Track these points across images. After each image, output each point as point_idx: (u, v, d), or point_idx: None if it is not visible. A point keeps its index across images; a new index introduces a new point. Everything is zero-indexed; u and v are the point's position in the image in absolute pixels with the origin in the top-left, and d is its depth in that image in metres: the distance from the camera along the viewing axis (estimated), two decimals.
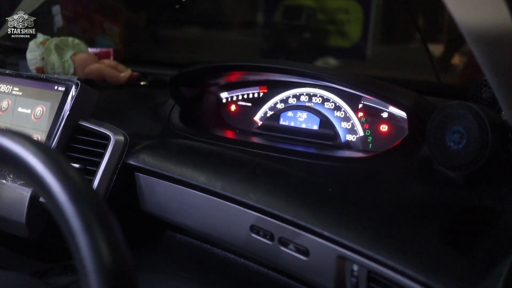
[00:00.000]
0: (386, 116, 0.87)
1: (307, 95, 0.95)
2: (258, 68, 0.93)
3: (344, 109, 0.91)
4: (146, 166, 0.81)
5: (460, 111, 0.66)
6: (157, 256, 0.86)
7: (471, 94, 0.84)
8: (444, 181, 0.68)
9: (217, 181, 0.74)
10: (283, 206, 0.67)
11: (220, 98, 1.06)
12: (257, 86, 1.01)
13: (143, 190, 0.84)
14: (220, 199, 0.73)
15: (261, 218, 0.69)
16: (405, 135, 0.79)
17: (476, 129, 0.64)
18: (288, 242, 0.67)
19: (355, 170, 0.75)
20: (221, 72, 0.98)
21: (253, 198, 0.69)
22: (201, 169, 0.77)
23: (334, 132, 0.89)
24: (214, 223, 0.76)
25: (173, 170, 0.79)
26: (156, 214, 0.84)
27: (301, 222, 0.64)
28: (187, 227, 0.82)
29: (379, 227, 0.61)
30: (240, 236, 0.72)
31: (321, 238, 0.63)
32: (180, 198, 0.79)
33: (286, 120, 0.95)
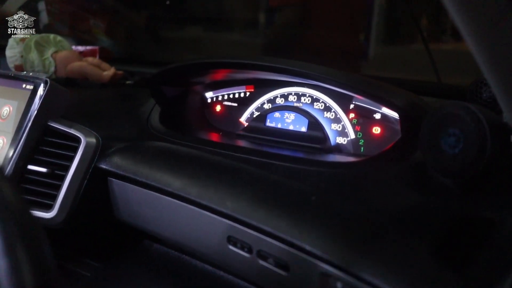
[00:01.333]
0: (379, 117, 0.81)
1: (295, 95, 0.89)
2: (244, 65, 0.86)
3: (334, 110, 0.85)
4: (119, 170, 0.75)
5: (457, 112, 0.60)
6: (132, 267, 0.80)
7: (470, 94, 0.78)
8: (439, 189, 0.62)
9: (193, 187, 0.68)
10: (262, 216, 0.61)
11: (205, 98, 1.00)
12: (244, 85, 0.95)
13: (116, 197, 0.78)
14: (196, 207, 0.67)
15: (239, 229, 0.63)
16: (398, 138, 0.73)
17: (474, 132, 0.58)
18: (267, 256, 0.61)
19: (342, 176, 0.69)
20: (205, 69, 0.92)
21: (230, 207, 0.63)
22: (177, 174, 0.71)
23: (323, 135, 0.83)
24: (190, 233, 0.70)
25: (147, 175, 0.73)
26: (130, 223, 0.78)
27: (280, 234, 0.58)
28: (162, 237, 0.76)
29: (368, 241, 0.55)
30: (216, 248, 0.67)
31: (302, 253, 0.57)
32: (154, 205, 0.73)
33: (273, 122, 0.89)
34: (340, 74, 0.76)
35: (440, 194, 0.61)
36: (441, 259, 0.51)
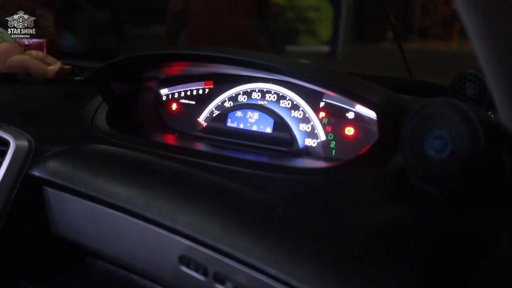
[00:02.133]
0: (352, 117, 0.73)
1: (259, 92, 0.80)
2: (202, 57, 0.77)
3: (302, 109, 0.76)
4: (55, 178, 0.65)
5: (444, 111, 0.51)
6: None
7: (453, 90, 0.71)
8: (423, 199, 0.54)
9: (139, 198, 0.58)
10: (219, 233, 0.52)
11: (159, 95, 0.90)
12: (202, 81, 0.86)
13: (52, 209, 0.67)
14: (143, 222, 0.58)
15: (192, 248, 0.54)
16: (374, 140, 0.64)
17: (464, 133, 0.50)
18: (225, 279, 0.52)
19: (313, 185, 0.60)
20: (159, 63, 0.82)
21: (182, 222, 0.54)
22: (122, 183, 0.61)
23: (290, 136, 0.75)
24: (136, 251, 0.60)
25: (87, 183, 0.63)
26: (70, 238, 0.67)
27: (239, 255, 0.49)
28: (105, 255, 0.66)
29: (343, 263, 0.46)
30: (167, 269, 0.57)
31: (266, 276, 0.48)
32: (96, 219, 0.63)
33: (234, 122, 0.80)
34: (311, 68, 0.67)
35: (424, 206, 0.53)
36: (432, 285, 0.43)
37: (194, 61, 0.79)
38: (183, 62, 0.82)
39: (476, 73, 0.68)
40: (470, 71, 0.69)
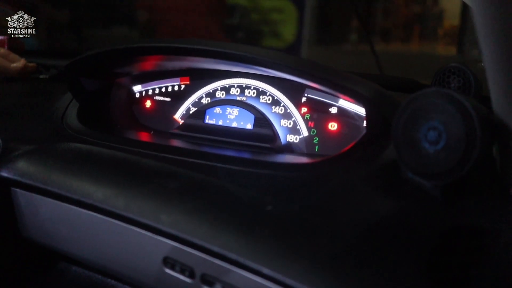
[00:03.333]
0: (335, 112, 0.71)
1: (238, 87, 0.78)
2: (177, 50, 0.73)
3: (284, 104, 0.74)
4: (25, 179, 0.61)
5: (437, 101, 0.50)
6: None
7: (436, 84, 0.70)
8: (416, 193, 0.52)
9: (118, 198, 0.55)
10: (206, 232, 0.49)
11: (132, 92, 0.86)
12: (178, 77, 0.83)
13: (22, 211, 0.63)
14: (123, 223, 0.54)
15: (177, 249, 0.51)
16: (362, 135, 0.63)
17: (460, 124, 0.48)
18: (214, 281, 0.49)
19: (301, 180, 0.58)
20: (131, 58, 0.78)
21: (166, 221, 0.51)
22: (98, 182, 0.58)
23: (272, 132, 0.72)
24: (116, 255, 0.57)
25: (60, 183, 0.59)
26: (42, 242, 0.63)
27: (230, 255, 0.47)
28: (82, 259, 0.62)
29: (340, 261, 0.44)
30: (150, 272, 0.54)
31: (259, 277, 0.45)
32: (70, 221, 0.59)
33: (213, 118, 0.77)
34: (295, 60, 0.65)
35: (418, 200, 0.52)
36: (433, 282, 0.41)
37: (170, 55, 0.75)
38: (158, 56, 0.78)
39: (460, 66, 0.68)
40: (453, 64, 0.68)
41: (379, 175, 0.57)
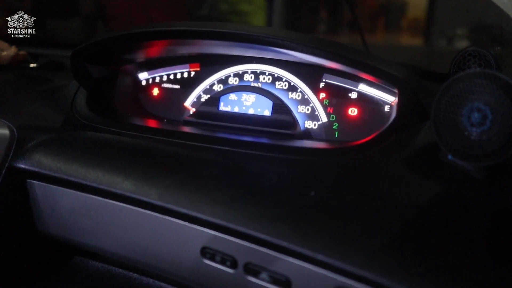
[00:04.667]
0: (355, 97, 0.70)
1: (252, 73, 0.76)
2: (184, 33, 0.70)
3: (301, 90, 0.73)
4: (43, 170, 0.58)
5: (482, 82, 0.50)
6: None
7: (455, 67, 0.69)
8: (457, 176, 0.52)
9: (151, 187, 0.52)
10: (251, 219, 0.47)
11: (138, 80, 0.83)
12: (187, 64, 0.80)
13: (39, 204, 0.60)
14: (156, 213, 0.52)
15: (217, 238, 0.49)
16: (393, 118, 0.62)
17: (507, 105, 0.48)
18: (259, 270, 0.48)
19: (337, 166, 0.57)
20: (138, 43, 0.75)
21: (207, 210, 0.49)
22: (125, 171, 0.55)
23: (292, 118, 0.71)
24: (147, 246, 0.54)
25: (84, 174, 0.56)
26: (60, 236, 0.60)
27: (279, 242, 0.45)
28: (106, 252, 0.60)
29: (396, 244, 0.43)
30: (186, 263, 0.52)
31: (310, 264, 0.44)
32: (94, 213, 0.57)
33: (228, 105, 0.75)
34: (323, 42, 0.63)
35: (461, 182, 0.51)
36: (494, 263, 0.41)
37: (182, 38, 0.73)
38: (165, 41, 0.75)
39: (479, 49, 0.68)
40: (472, 48, 0.68)
41: (416, 159, 0.56)
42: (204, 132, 0.71)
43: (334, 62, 0.66)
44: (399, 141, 0.58)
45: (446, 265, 0.40)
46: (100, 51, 0.75)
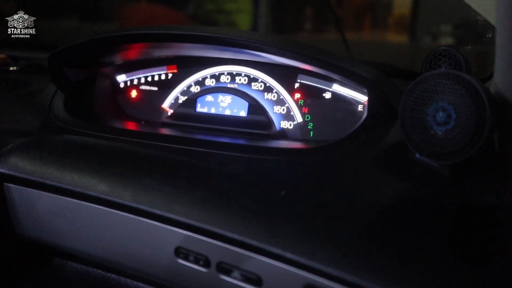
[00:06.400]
0: (329, 97, 0.72)
1: (228, 75, 0.77)
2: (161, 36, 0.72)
3: (276, 90, 0.74)
4: (20, 173, 0.58)
5: (446, 82, 0.51)
6: None
7: (427, 66, 0.71)
8: (424, 173, 0.54)
9: (125, 189, 0.53)
10: (222, 220, 0.48)
11: (116, 82, 0.84)
12: (164, 66, 0.81)
13: (16, 207, 0.61)
14: (131, 214, 0.53)
15: (191, 238, 0.50)
16: (364, 118, 0.63)
17: (470, 105, 0.49)
18: (231, 269, 0.49)
19: (309, 165, 0.58)
20: (115, 46, 0.76)
21: (180, 211, 0.50)
22: (100, 174, 0.56)
23: (267, 119, 0.72)
24: (122, 247, 0.55)
25: (60, 177, 0.57)
26: (37, 238, 0.61)
27: (251, 242, 0.46)
28: (83, 254, 0.60)
29: (362, 241, 0.44)
30: (160, 263, 0.53)
31: (280, 262, 0.45)
32: (71, 215, 0.57)
33: (204, 106, 0.76)
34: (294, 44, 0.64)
35: (427, 180, 0.53)
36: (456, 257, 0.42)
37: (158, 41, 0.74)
38: (142, 44, 0.76)
39: (450, 49, 0.69)
40: (443, 47, 0.70)
41: (385, 157, 0.58)
42: (181, 133, 0.72)
43: (307, 64, 0.67)
44: (369, 140, 0.60)
45: (411, 261, 0.42)
46: (78, 54, 0.76)
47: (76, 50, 0.74)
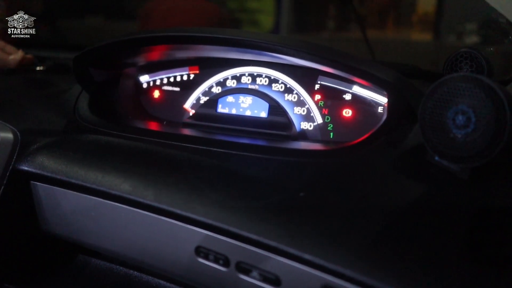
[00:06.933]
0: (349, 98, 0.72)
1: (249, 76, 0.77)
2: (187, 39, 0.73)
3: (296, 92, 0.74)
4: (46, 172, 0.60)
5: (466, 85, 0.51)
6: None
7: (448, 68, 0.71)
8: (443, 176, 0.53)
9: (148, 188, 0.55)
10: (243, 220, 0.49)
11: (139, 83, 0.85)
12: (186, 66, 0.82)
13: (43, 205, 0.62)
14: (153, 214, 0.54)
15: (211, 237, 0.51)
16: (384, 120, 0.63)
17: (489, 108, 0.49)
18: (250, 269, 0.50)
19: (328, 167, 0.58)
20: (139, 48, 0.77)
21: (201, 211, 0.51)
22: (123, 173, 0.57)
23: (287, 120, 0.72)
24: (144, 246, 0.57)
25: (84, 176, 0.58)
26: (62, 235, 0.63)
27: (270, 242, 0.47)
28: (106, 251, 0.62)
29: (379, 243, 0.45)
30: (181, 262, 0.54)
31: (299, 263, 0.46)
32: (95, 213, 0.59)
33: (225, 107, 0.77)
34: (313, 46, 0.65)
35: (446, 182, 0.53)
36: (475, 261, 0.42)
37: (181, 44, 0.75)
38: (165, 46, 0.77)
39: (472, 51, 0.69)
40: (465, 49, 0.69)
41: (404, 159, 0.58)
42: (202, 134, 0.73)
43: (326, 66, 0.68)
44: (388, 142, 0.60)
45: (428, 264, 0.42)
46: (102, 56, 0.77)
47: (100, 52, 0.76)
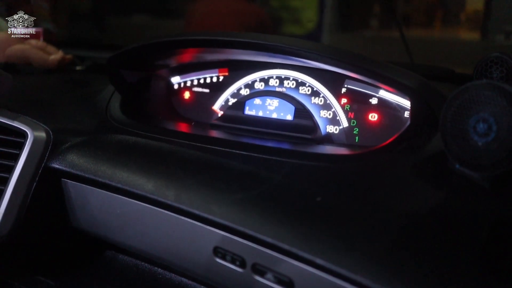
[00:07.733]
0: (375, 102, 0.72)
1: (277, 79, 0.78)
2: (218, 42, 0.74)
3: (323, 95, 0.75)
4: (76, 170, 0.63)
5: (488, 93, 0.50)
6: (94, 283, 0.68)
7: (478, 73, 0.69)
8: (464, 184, 0.53)
9: (169, 189, 0.56)
10: (258, 222, 0.50)
11: (171, 84, 0.87)
12: (216, 69, 0.84)
13: (73, 202, 0.65)
14: (173, 213, 0.56)
15: (228, 239, 0.52)
16: (406, 126, 0.63)
17: (511, 117, 0.48)
18: (265, 270, 0.50)
19: (348, 172, 0.58)
20: (170, 50, 0.79)
21: (217, 212, 0.52)
22: (148, 174, 0.59)
23: (312, 123, 0.73)
24: (165, 244, 0.58)
25: (111, 175, 0.60)
26: (91, 232, 0.65)
27: (283, 245, 0.48)
28: (130, 248, 0.64)
29: (396, 250, 0.45)
30: (200, 261, 0.55)
31: (312, 267, 0.46)
32: (121, 211, 0.61)
33: (252, 109, 0.78)
34: (337, 51, 0.65)
35: (466, 190, 0.52)
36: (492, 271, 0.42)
37: (212, 47, 0.76)
38: (197, 48, 0.79)
39: (502, 56, 0.68)
40: (495, 54, 0.68)
41: (425, 166, 0.57)
42: (228, 136, 0.74)
43: (351, 72, 0.68)
44: (410, 148, 0.60)
45: (444, 273, 0.42)
46: (135, 57, 0.80)
47: (133, 54, 0.78)
